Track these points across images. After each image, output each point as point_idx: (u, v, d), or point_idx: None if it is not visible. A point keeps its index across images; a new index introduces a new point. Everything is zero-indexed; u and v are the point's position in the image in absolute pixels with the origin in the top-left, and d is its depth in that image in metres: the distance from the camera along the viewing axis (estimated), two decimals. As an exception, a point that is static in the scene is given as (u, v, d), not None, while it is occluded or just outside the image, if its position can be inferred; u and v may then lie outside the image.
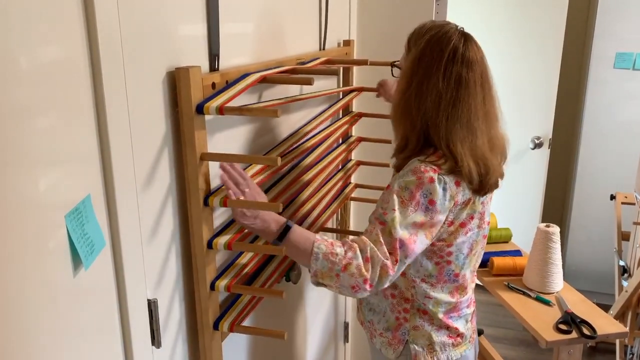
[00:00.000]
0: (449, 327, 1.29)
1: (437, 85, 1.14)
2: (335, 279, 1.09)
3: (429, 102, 1.15)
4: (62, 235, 0.75)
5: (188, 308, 1.11)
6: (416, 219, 1.12)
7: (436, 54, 1.15)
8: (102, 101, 0.81)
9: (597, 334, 1.57)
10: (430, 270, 1.23)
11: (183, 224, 1.06)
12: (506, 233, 2.14)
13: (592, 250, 3.33)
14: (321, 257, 1.10)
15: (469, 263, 1.27)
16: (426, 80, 1.15)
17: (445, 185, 1.13)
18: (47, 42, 0.71)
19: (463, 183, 1.15)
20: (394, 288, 1.29)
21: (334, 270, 1.09)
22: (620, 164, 3.12)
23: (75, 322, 0.80)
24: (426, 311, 1.27)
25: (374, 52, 1.97)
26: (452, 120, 1.14)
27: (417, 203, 1.12)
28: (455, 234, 1.19)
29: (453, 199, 1.14)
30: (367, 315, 1.38)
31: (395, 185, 1.16)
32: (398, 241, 1.10)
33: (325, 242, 1.12)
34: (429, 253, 1.21)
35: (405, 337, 1.29)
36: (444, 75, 1.14)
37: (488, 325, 3.07)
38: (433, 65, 1.15)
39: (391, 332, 1.31)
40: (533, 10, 2.94)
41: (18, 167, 0.68)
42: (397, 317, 1.30)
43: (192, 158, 1.01)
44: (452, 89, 1.14)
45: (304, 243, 1.12)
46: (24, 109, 0.68)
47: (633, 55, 3.03)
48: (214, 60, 1.09)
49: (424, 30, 1.20)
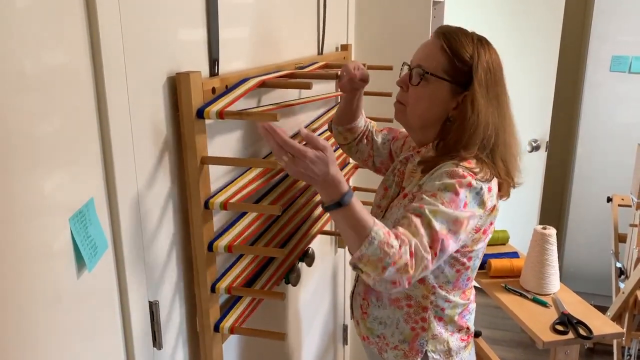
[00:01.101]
0: (461, 329, 1.29)
1: (505, 98, 1.20)
2: (381, 271, 1.00)
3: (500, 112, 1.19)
4: (67, 237, 0.76)
5: (189, 310, 1.12)
6: (454, 218, 1.08)
7: (499, 69, 1.19)
8: (104, 106, 0.82)
9: (593, 335, 1.58)
10: (449, 277, 1.22)
11: (184, 227, 1.07)
12: (503, 235, 2.15)
13: (589, 252, 3.34)
14: (377, 243, 1.00)
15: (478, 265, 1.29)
16: (502, 96, 1.19)
17: (481, 191, 1.12)
18: (51, 48, 0.73)
19: (493, 190, 1.16)
20: (408, 299, 1.25)
21: (383, 262, 1.00)
22: (616, 166, 3.14)
23: (78, 323, 0.81)
24: (442, 317, 1.26)
25: (372, 56, 1.99)
26: (507, 132, 1.20)
27: (455, 205, 1.08)
28: (477, 240, 1.19)
29: (485, 205, 1.13)
30: (376, 329, 1.31)
31: (429, 186, 1.12)
32: (438, 235, 1.05)
33: (383, 229, 1.02)
34: (451, 260, 1.20)
35: (424, 347, 1.26)
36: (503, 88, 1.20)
37: (486, 327, 3.09)
38: (499, 80, 1.19)
39: (408, 343, 1.27)
40: (529, 14, 2.97)
41: (23, 171, 0.69)
42: (414, 327, 1.26)
43: (193, 161, 1.02)
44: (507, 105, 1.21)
45: (363, 220, 1.02)
46: (28, 114, 0.69)
47: (629, 59, 3.06)
48: (214, 65, 1.10)
49: (469, 39, 1.18)
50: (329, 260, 2.05)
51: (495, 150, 1.18)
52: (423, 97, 1.20)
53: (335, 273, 2.14)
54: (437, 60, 1.18)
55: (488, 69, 1.17)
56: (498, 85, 1.19)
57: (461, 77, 1.17)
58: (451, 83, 1.17)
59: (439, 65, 1.18)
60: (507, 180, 1.20)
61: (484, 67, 1.16)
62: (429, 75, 1.18)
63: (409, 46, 1.38)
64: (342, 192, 1.02)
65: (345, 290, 2.26)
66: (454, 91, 1.18)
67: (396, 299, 1.26)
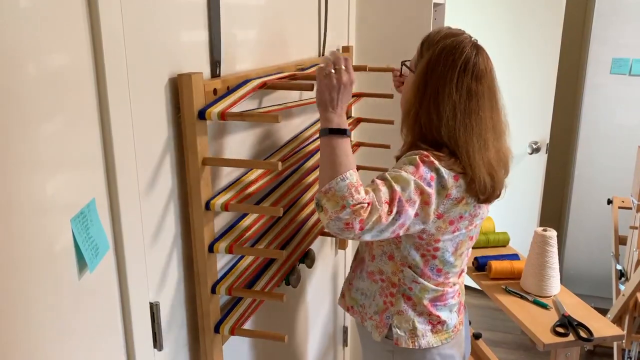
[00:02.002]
0: (430, 314, 1.32)
1: (452, 95, 1.18)
2: (340, 209, 1.07)
3: (447, 110, 1.18)
4: (68, 238, 0.77)
5: (189, 311, 1.12)
6: (414, 185, 1.13)
7: (449, 63, 1.19)
8: (106, 107, 0.83)
9: (593, 337, 1.58)
10: (417, 261, 1.27)
11: (185, 228, 1.07)
12: (504, 237, 2.15)
13: (589, 254, 3.34)
14: (347, 182, 1.09)
15: (455, 262, 1.30)
16: (441, 88, 1.19)
17: (443, 173, 1.16)
18: (53, 49, 0.73)
19: (461, 182, 1.18)
20: (380, 273, 1.33)
21: (345, 200, 1.07)
22: (617, 168, 3.14)
23: (79, 324, 0.81)
24: (410, 297, 1.30)
25: (373, 58, 1.99)
26: (468, 131, 1.19)
27: (419, 176, 1.14)
28: (442, 230, 1.22)
29: (447, 189, 1.17)
30: (359, 299, 1.41)
31: (397, 165, 1.20)
32: (396, 194, 1.11)
33: (357, 176, 1.12)
34: (416, 244, 1.25)
35: (389, 321, 1.33)
36: (456, 86, 1.18)
37: (486, 329, 3.08)
38: (446, 74, 1.19)
39: (378, 315, 1.35)
40: (530, 16, 2.97)
41: (25, 172, 0.69)
42: (385, 301, 1.34)
43: (194, 163, 1.02)
44: (465, 100, 1.18)
45: (348, 160, 1.12)
46: (31, 115, 0.69)
47: (629, 61, 3.06)
48: (216, 67, 1.10)
49: (439, 37, 1.23)
50: (329, 262, 2.05)
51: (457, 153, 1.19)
52: (405, 87, 1.34)
53: (336, 274, 2.14)
54: (415, 54, 1.30)
55: (438, 61, 1.20)
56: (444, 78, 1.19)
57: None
58: (411, 70, 1.29)
59: (414, 58, 1.30)
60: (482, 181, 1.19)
61: (434, 58, 1.20)
62: (405, 67, 1.34)
63: (409, 48, 1.39)
64: (344, 127, 1.14)
65: (345, 291, 2.26)
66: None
67: (371, 272, 1.36)
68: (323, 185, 1.11)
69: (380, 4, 2.00)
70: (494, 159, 1.22)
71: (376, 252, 1.33)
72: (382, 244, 1.30)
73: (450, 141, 1.19)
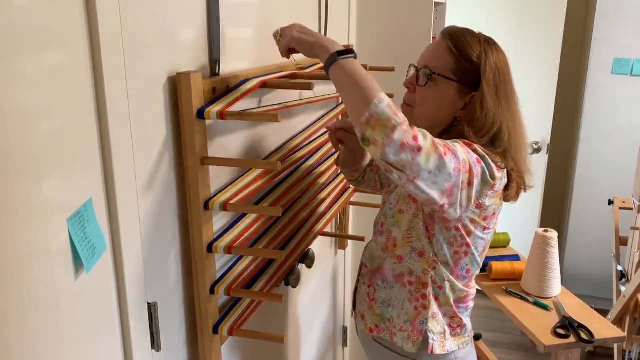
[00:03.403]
0: (453, 317, 1.29)
1: (514, 98, 1.22)
2: (390, 131, 0.97)
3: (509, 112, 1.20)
4: (64, 238, 0.76)
5: (188, 311, 1.11)
6: (464, 160, 1.07)
7: (505, 64, 1.21)
8: (103, 105, 0.82)
9: (594, 339, 1.58)
10: (448, 257, 1.23)
11: (183, 228, 1.07)
12: (504, 238, 2.15)
13: (590, 255, 3.33)
14: (386, 102, 0.98)
15: (480, 263, 1.29)
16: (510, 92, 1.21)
17: (489, 161, 1.13)
18: (50, 47, 0.72)
19: (502, 175, 1.17)
20: (410, 274, 1.25)
21: (393, 121, 0.97)
22: (618, 169, 3.13)
23: (76, 325, 0.81)
24: (439, 297, 1.26)
25: (373, 57, 1.98)
26: (518, 132, 1.22)
27: (467, 152, 1.10)
28: (476, 223, 1.19)
29: (494, 179, 1.13)
30: (385, 313, 1.31)
31: None
32: (453, 150, 1.05)
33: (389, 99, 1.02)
34: (450, 239, 1.20)
35: (424, 327, 1.25)
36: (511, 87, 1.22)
37: (486, 329, 3.08)
38: (509, 77, 1.21)
39: (410, 323, 1.27)
40: (531, 16, 2.96)
41: (21, 171, 0.68)
42: (416, 307, 1.26)
43: (193, 162, 1.01)
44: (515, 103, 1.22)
45: (369, 80, 1.01)
46: (27, 113, 0.69)
47: (631, 61, 3.05)
48: (215, 65, 1.10)
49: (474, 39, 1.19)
50: (329, 262, 2.04)
51: (508, 150, 1.18)
52: (430, 97, 1.20)
53: (335, 275, 2.13)
54: (444, 60, 1.18)
55: (497, 68, 1.18)
56: (507, 85, 1.20)
57: (469, 77, 1.17)
58: (459, 83, 1.18)
59: (446, 66, 1.18)
60: (518, 181, 1.21)
61: (492, 67, 1.17)
62: (436, 76, 1.18)
63: (410, 47, 1.38)
64: (328, 47, 1.06)
65: (345, 292, 2.25)
66: (461, 92, 1.18)
67: (400, 274, 1.27)
68: (360, 114, 0.99)
69: (381, 3, 1.99)
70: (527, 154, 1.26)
71: (403, 251, 1.26)
72: (412, 240, 1.24)
73: (502, 145, 1.18)
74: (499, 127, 1.17)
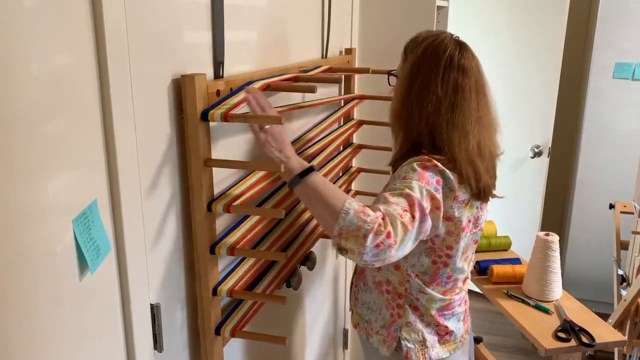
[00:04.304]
0: (438, 325, 1.30)
1: (437, 91, 1.18)
2: (362, 240, 1.00)
3: (430, 108, 1.18)
4: (69, 239, 0.76)
5: (190, 313, 1.11)
6: (426, 190, 1.10)
7: (434, 61, 1.19)
8: (108, 107, 0.82)
9: (595, 342, 1.58)
10: (425, 267, 1.25)
11: (186, 229, 1.07)
12: (506, 241, 2.15)
13: (591, 259, 3.33)
14: (352, 213, 1.02)
15: (463, 267, 1.29)
16: (425, 87, 1.19)
17: (449, 175, 1.15)
18: (56, 49, 0.73)
19: (464, 183, 1.18)
20: (387, 283, 1.30)
21: (362, 229, 1.00)
22: (619, 173, 3.13)
23: (80, 325, 0.81)
24: (417, 307, 1.28)
25: (376, 60, 1.99)
26: (451, 125, 1.18)
27: (426, 182, 1.12)
28: (453, 234, 1.21)
29: (454, 191, 1.16)
30: (365, 314, 1.37)
31: (399, 172, 1.17)
32: (414, 199, 1.07)
33: (356, 202, 1.05)
34: (428, 250, 1.23)
35: (398, 334, 1.30)
36: (442, 81, 1.18)
37: (487, 333, 3.07)
38: (431, 72, 1.19)
39: (386, 328, 1.32)
40: (533, 20, 2.96)
41: (27, 172, 0.69)
42: (392, 314, 1.31)
43: (197, 164, 1.02)
44: (450, 95, 1.18)
45: (333, 193, 1.06)
46: (33, 115, 0.69)
47: (632, 66, 3.05)
48: (219, 68, 1.10)
49: (420, 39, 1.24)
50: (331, 265, 2.04)
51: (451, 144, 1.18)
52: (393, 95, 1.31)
53: (336, 277, 2.13)
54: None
55: (422, 58, 1.21)
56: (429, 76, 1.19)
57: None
58: (397, 77, 1.29)
59: (399, 66, 1.30)
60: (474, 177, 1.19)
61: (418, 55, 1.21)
62: (392, 75, 1.32)
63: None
64: (307, 165, 1.10)
65: (345, 295, 2.25)
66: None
67: (379, 282, 1.31)
68: (330, 229, 1.04)
69: (383, 6, 2.00)
70: (474, 151, 1.19)
71: None
72: None
73: (436, 138, 1.19)
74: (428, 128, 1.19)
